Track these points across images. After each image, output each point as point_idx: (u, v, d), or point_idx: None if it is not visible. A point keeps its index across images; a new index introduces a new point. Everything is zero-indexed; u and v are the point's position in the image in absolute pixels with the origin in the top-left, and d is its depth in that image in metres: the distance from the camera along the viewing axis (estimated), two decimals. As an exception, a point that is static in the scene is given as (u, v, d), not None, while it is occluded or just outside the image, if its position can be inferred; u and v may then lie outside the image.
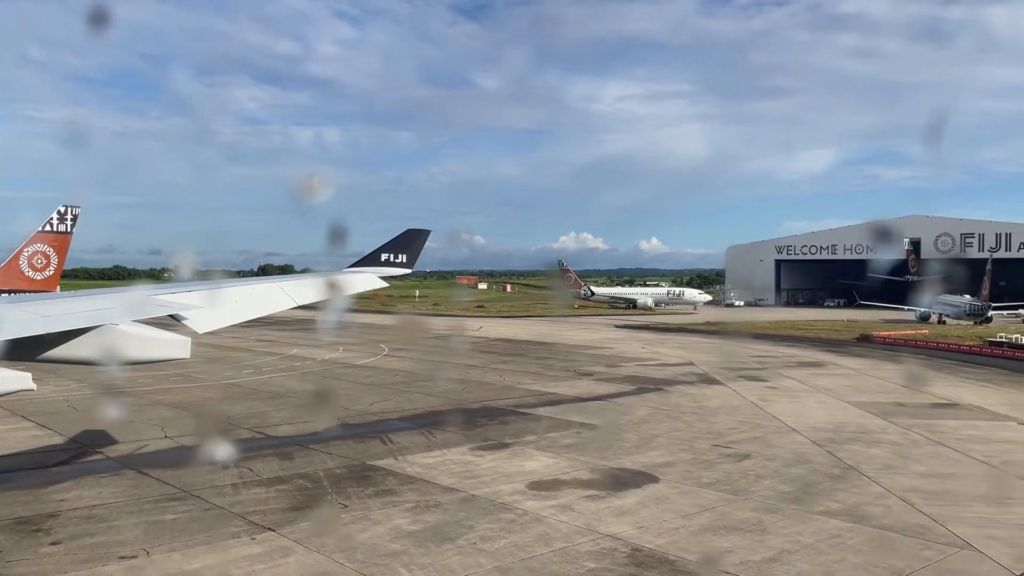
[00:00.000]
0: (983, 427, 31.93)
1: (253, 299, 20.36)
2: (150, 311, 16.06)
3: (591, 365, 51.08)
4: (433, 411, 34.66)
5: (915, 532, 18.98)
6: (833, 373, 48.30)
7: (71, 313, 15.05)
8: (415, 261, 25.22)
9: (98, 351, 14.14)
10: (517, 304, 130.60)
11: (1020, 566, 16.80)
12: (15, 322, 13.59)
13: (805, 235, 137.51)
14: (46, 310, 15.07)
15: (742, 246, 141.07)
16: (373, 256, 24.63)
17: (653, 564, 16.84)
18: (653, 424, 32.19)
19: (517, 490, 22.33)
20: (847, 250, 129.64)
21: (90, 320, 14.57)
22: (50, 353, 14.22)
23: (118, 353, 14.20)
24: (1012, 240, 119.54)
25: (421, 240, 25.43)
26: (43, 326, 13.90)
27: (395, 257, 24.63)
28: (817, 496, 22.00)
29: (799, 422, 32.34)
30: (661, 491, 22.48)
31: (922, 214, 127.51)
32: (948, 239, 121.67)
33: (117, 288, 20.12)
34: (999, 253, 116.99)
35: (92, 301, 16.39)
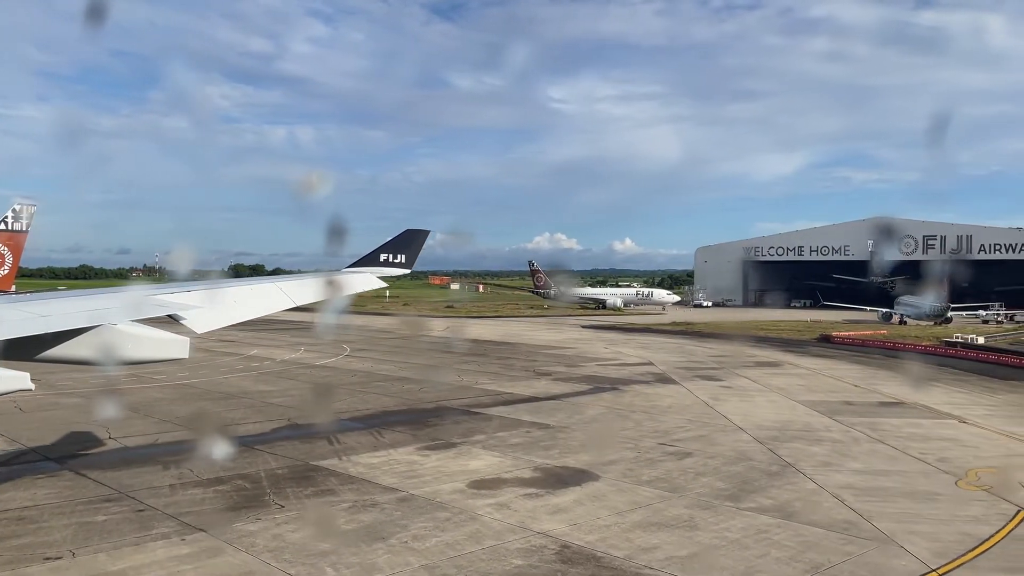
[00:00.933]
0: (925, 425, 32.63)
1: (252, 299, 20.28)
2: (148, 311, 16.02)
3: (551, 365, 51.36)
4: (386, 411, 34.68)
5: (840, 528, 19.40)
6: (788, 373, 49.02)
7: (69, 313, 14.94)
8: (414, 261, 25.26)
9: (96, 351, 14.12)
10: (487, 304, 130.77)
11: (937, 560, 17.27)
12: (13, 322, 13.49)
13: (772, 236, 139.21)
14: (44, 310, 14.90)
15: (711, 247, 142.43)
16: (372, 256, 24.62)
17: (580, 561, 17.06)
18: (602, 423, 32.51)
19: (457, 489, 22.46)
20: (813, 251, 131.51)
21: (88, 320, 14.50)
22: (48, 353, 14.16)
23: (116, 353, 14.17)
24: (972, 242, 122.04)
25: (420, 240, 25.46)
26: (41, 326, 13.79)
27: (394, 257, 24.63)
28: (751, 493, 22.40)
29: (746, 421, 32.82)
30: (600, 489, 22.74)
31: (886, 216, 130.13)
32: (911, 241, 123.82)
33: (115, 288, 20.05)
34: (960, 255, 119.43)
35: (90, 301, 16.23)
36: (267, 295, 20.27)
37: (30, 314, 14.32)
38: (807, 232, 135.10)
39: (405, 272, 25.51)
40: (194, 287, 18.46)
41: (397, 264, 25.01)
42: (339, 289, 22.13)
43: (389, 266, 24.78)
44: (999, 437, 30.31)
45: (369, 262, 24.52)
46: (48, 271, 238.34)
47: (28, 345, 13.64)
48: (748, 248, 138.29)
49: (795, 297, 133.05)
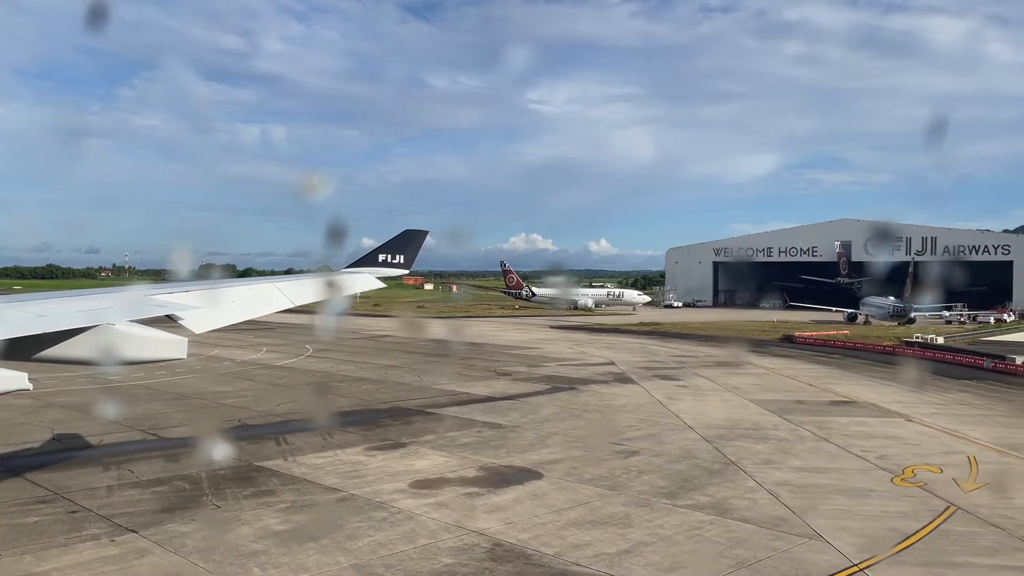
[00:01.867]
0: (871, 423, 33.19)
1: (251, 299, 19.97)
2: (147, 311, 16.01)
3: (513, 365, 51.49)
4: (339, 411, 34.55)
5: (772, 524, 19.71)
6: (747, 372, 49.59)
7: (67, 313, 14.86)
8: (413, 262, 25.20)
9: (94, 351, 14.09)
10: (459, 304, 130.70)
11: (860, 555, 17.61)
12: (11, 321, 13.42)
13: (741, 238, 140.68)
14: (42, 309, 14.84)
15: (681, 248, 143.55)
16: (371, 256, 24.53)
17: (509, 558, 17.18)
18: (555, 422, 32.66)
19: (398, 489, 22.48)
20: (782, 252, 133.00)
21: (86, 320, 14.44)
22: (46, 353, 14.10)
23: (114, 353, 14.16)
24: (937, 243, 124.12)
25: (419, 241, 25.40)
26: (39, 325, 13.74)
27: (392, 257, 24.56)
28: (690, 491, 22.66)
29: (697, 420, 33.17)
30: (541, 487, 22.89)
31: (852, 217, 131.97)
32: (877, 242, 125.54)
33: (114, 287, 19.99)
34: (924, 256, 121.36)
35: (89, 301, 16.19)
36: (266, 295, 20.15)
37: (28, 314, 14.28)
38: (776, 233, 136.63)
39: (404, 272, 25.52)
40: (192, 287, 18.49)
41: (396, 264, 25.05)
42: (338, 289, 22.15)
43: (388, 266, 24.81)
44: (942, 435, 30.91)
45: (368, 262, 24.52)
46: (15, 271, 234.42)
47: (26, 345, 13.58)
48: (718, 249, 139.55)
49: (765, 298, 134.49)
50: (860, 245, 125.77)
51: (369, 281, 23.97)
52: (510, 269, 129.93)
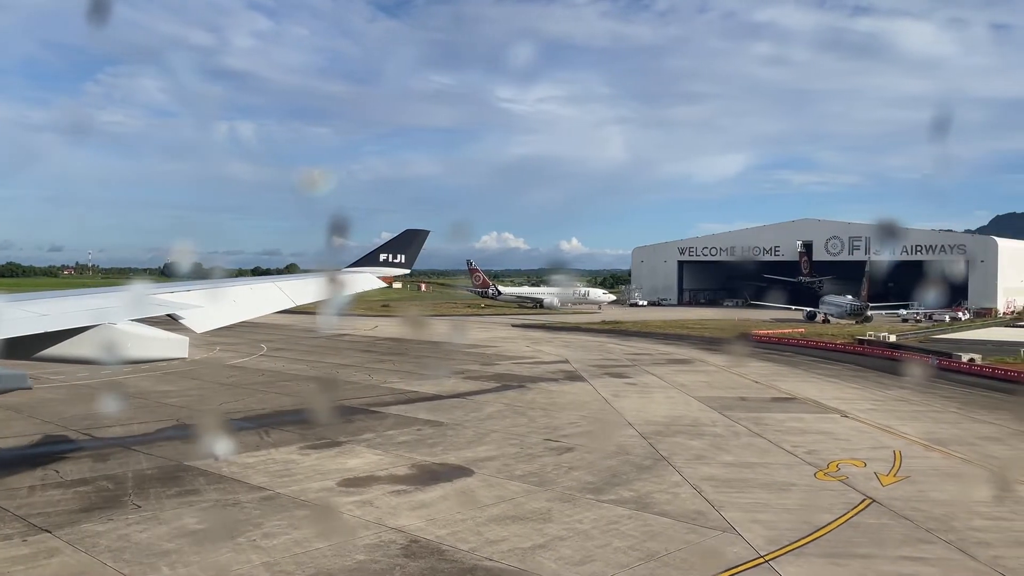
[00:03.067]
0: (807, 419, 33.82)
1: (252, 299, 20.14)
2: (148, 310, 16.07)
3: (466, 364, 51.57)
4: (281, 411, 34.46)
5: (689, 517, 20.08)
6: (697, 370, 50.18)
7: (68, 312, 14.87)
8: (414, 261, 25.20)
9: (95, 350, 14.18)
10: (425, 303, 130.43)
11: (769, 547, 18.02)
12: (12, 321, 13.38)
13: (705, 237, 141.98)
14: (44, 309, 14.81)
15: (647, 247, 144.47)
16: (372, 256, 24.48)
17: (423, 555, 17.32)
18: (497, 420, 32.85)
19: (326, 487, 22.52)
20: (745, 252, 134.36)
21: (88, 319, 14.49)
22: (47, 352, 14.16)
23: (115, 352, 14.25)
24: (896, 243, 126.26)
25: (420, 240, 25.37)
26: (41, 325, 13.74)
27: (394, 257, 24.55)
28: (616, 486, 22.98)
29: (638, 417, 33.55)
30: (469, 484, 23.06)
31: (813, 217, 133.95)
32: (837, 242, 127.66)
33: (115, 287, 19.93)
34: (883, 255, 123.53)
35: (90, 300, 16.16)
36: (267, 295, 20.35)
37: (29, 313, 14.27)
38: (739, 233, 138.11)
39: (405, 272, 25.62)
40: (194, 286, 18.67)
41: (397, 264, 25.12)
42: (339, 289, 22.21)
43: (389, 266, 24.87)
44: (873, 430, 31.60)
45: (369, 262, 24.52)
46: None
47: (27, 344, 13.58)
48: (683, 248, 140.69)
49: (728, 296, 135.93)
50: (821, 245, 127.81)
51: (370, 280, 24.11)
52: (476, 268, 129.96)
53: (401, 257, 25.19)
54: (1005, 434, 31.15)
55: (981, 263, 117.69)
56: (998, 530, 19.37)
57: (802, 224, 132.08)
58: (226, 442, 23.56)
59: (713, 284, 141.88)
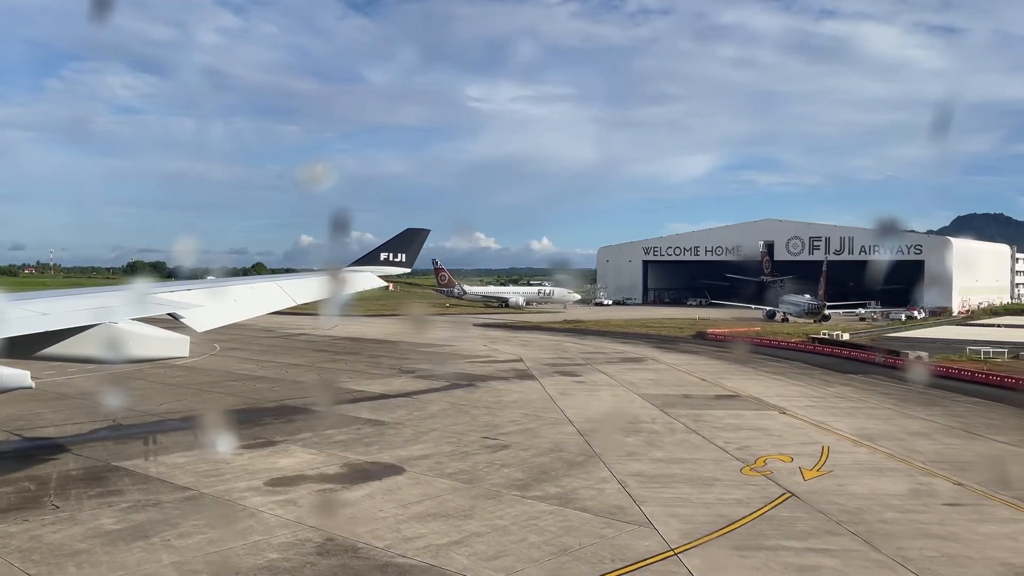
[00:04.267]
0: (746, 416, 34.40)
1: (253, 298, 20.20)
2: (150, 309, 16.06)
3: (420, 363, 51.59)
4: (223, 410, 34.18)
5: (609, 513, 20.39)
6: (648, 368, 50.72)
7: (70, 311, 14.82)
8: (414, 260, 25.09)
9: (97, 349, 14.26)
10: (390, 302, 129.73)
11: (681, 540, 18.38)
12: (14, 320, 13.36)
13: (670, 237, 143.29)
14: (45, 308, 14.73)
15: (612, 247, 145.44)
16: (372, 255, 24.37)
17: (337, 552, 17.40)
18: (439, 419, 32.94)
19: (252, 487, 22.45)
20: (708, 251, 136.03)
21: (89, 318, 14.46)
22: (49, 351, 14.19)
23: (117, 351, 14.30)
24: (854, 243, 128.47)
25: (420, 239, 25.27)
26: (42, 324, 13.71)
27: (394, 256, 24.44)
28: (543, 482, 23.22)
29: (580, 414, 33.86)
30: (397, 483, 23.15)
31: (775, 218, 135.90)
32: (798, 242, 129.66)
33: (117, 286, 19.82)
34: (842, 255, 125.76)
35: (91, 299, 16.08)
36: (268, 294, 20.42)
37: (30, 312, 14.23)
38: (703, 233, 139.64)
39: (406, 271, 25.63)
40: (196, 285, 18.69)
41: (397, 263, 25.08)
42: (341, 288, 22.23)
43: (389, 265, 24.79)
44: (807, 427, 32.24)
45: (369, 261, 24.44)
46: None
47: (28, 343, 13.56)
48: (648, 248, 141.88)
49: (693, 296, 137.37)
50: (782, 244, 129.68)
51: (371, 280, 24.13)
52: (442, 267, 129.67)
53: (402, 256, 25.35)
54: (934, 429, 31.96)
55: (936, 263, 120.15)
56: (907, 522, 19.94)
57: (764, 224, 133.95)
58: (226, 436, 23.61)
59: (677, 283, 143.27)
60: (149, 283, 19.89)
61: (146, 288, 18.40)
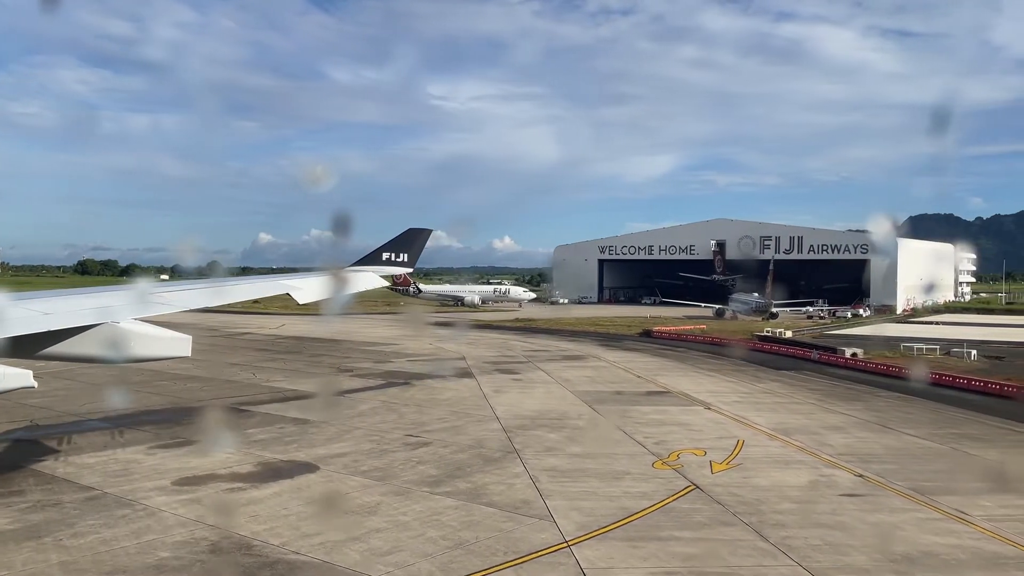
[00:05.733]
0: (671, 412, 35.02)
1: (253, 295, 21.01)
2: (152, 309, 16.01)
3: (361, 362, 51.47)
4: (147, 411, 33.76)
5: (513, 507, 20.68)
6: (588, 365, 51.23)
7: (72, 311, 14.75)
8: (416, 260, 25.01)
9: (99, 349, 14.32)
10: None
11: (577, 532, 18.74)
12: (16, 319, 13.33)
13: (625, 236, 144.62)
14: (48, 307, 14.62)
15: (569, 246, 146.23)
16: (374, 255, 24.33)
17: (230, 550, 17.41)
18: (367, 417, 32.95)
19: (158, 487, 22.25)
20: (662, 251, 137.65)
21: (92, 318, 14.46)
22: (51, 350, 14.24)
23: (119, 351, 14.32)
24: (803, 243, 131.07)
25: (422, 239, 25.19)
26: (44, 323, 13.71)
27: (396, 256, 24.40)
28: (456, 479, 23.43)
29: (509, 411, 34.14)
30: (309, 481, 23.17)
31: (727, 218, 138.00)
32: (749, 241, 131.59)
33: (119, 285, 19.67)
34: (792, 255, 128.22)
35: (93, 298, 16.02)
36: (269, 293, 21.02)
37: (33, 312, 14.14)
38: (657, 232, 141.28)
39: (408, 271, 25.58)
40: (199, 285, 18.52)
41: (399, 263, 25.09)
42: (343, 287, 22.34)
43: (391, 265, 24.76)
44: (729, 421, 32.95)
45: (371, 261, 24.40)
46: None
47: (31, 343, 13.54)
48: (603, 247, 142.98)
49: (648, 294, 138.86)
50: (734, 244, 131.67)
51: (372, 279, 24.19)
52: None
53: (403, 256, 25.53)
54: (850, 424, 32.91)
55: (883, 262, 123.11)
56: (800, 513, 20.57)
57: (716, 224, 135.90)
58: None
59: (633, 282, 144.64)
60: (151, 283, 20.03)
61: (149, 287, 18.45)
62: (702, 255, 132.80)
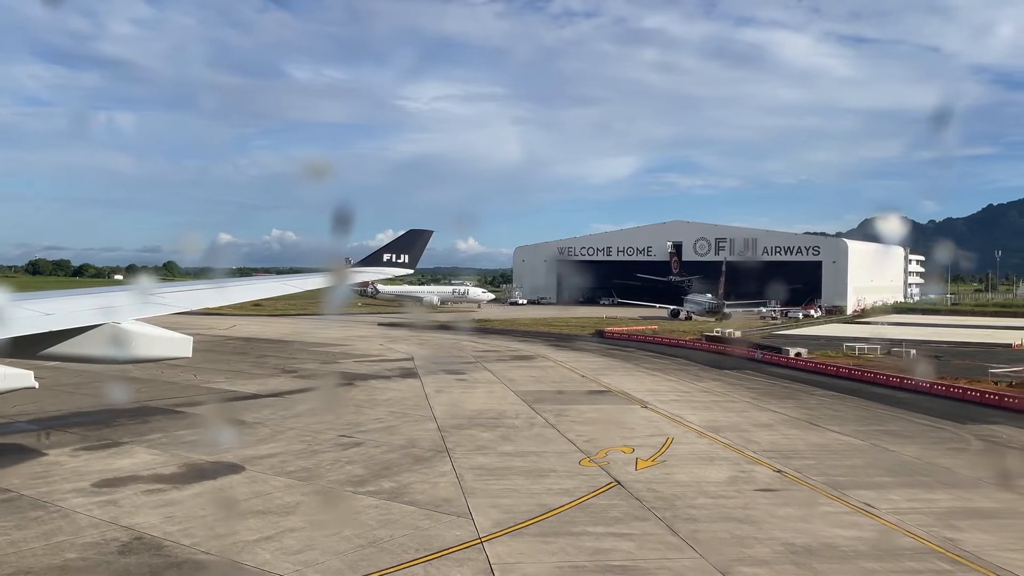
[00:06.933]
0: (607, 410, 35.54)
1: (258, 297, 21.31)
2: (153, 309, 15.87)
3: (306, 363, 51.24)
4: (77, 412, 33.29)
5: (433, 505, 20.89)
6: (535, 365, 51.64)
7: (74, 311, 14.68)
8: (417, 261, 24.92)
9: (100, 349, 14.22)
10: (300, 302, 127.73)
11: (492, 529, 19.02)
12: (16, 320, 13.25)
13: (583, 237, 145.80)
14: (49, 308, 14.53)
15: (528, 247, 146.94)
16: (375, 256, 24.26)
17: (140, 551, 17.33)
18: (303, 418, 32.88)
19: (77, 488, 22.02)
20: (620, 252, 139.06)
21: (93, 318, 14.34)
22: (52, 350, 14.20)
23: (120, 351, 14.24)
24: (757, 244, 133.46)
25: (423, 240, 25.08)
26: (45, 324, 13.62)
27: (397, 257, 24.32)
28: (381, 478, 23.57)
29: (448, 411, 34.34)
30: (232, 481, 23.11)
31: (683, 220, 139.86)
32: (705, 243, 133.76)
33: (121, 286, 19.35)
34: (746, 256, 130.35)
35: (95, 299, 15.91)
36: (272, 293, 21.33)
37: (34, 312, 14.05)
38: (615, 234, 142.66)
39: (408, 272, 25.67)
40: (201, 285, 18.27)
41: (400, 264, 25.07)
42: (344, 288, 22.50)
43: (393, 266, 24.74)
44: (662, 419, 33.55)
45: (373, 262, 24.38)
46: None
47: (32, 343, 13.51)
48: (562, 248, 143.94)
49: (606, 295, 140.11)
50: (690, 245, 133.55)
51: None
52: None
53: (405, 257, 25.59)
54: (779, 421, 33.74)
55: (833, 264, 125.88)
56: (713, 507, 21.14)
57: (673, 226, 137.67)
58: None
59: (591, 283, 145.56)
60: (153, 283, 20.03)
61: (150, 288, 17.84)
62: (659, 256, 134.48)
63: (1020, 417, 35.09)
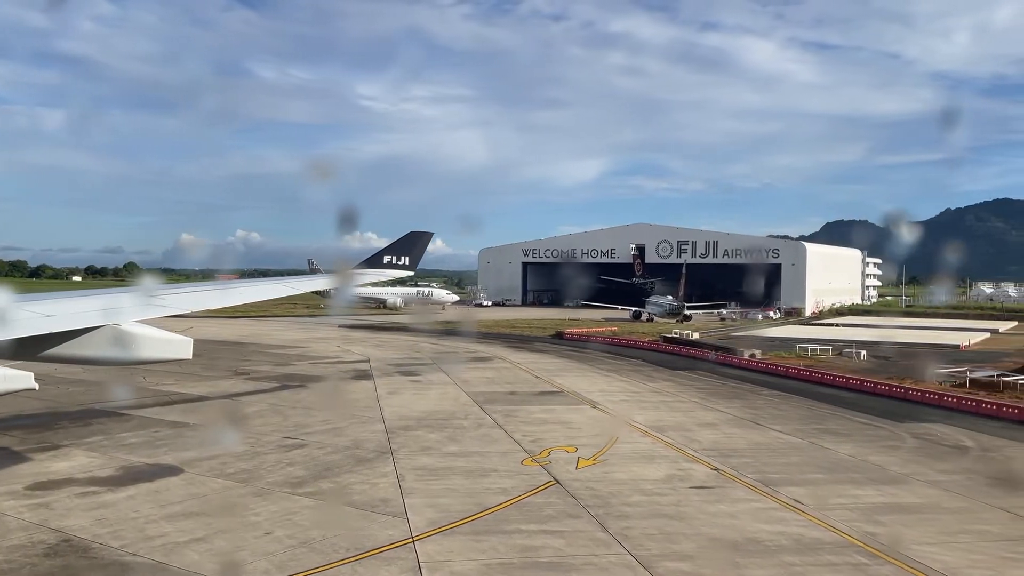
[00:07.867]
0: (557, 411, 35.89)
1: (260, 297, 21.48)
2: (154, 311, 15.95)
3: (260, 364, 50.89)
4: (19, 415, 32.66)
5: (371, 506, 21.02)
6: (491, 367, 51.85)
7: (75, 313, 14.69)
8: (418, 263, 24.89)
9: (101, 351, 14.25)
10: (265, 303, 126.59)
11: (426, 528, 19.22)
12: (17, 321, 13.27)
13: (548, 239, 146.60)
14: (50, 309, 14.47)
15: (493, 248, 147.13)
16: (376, 258, 24.23)
17: (66, 553, 17.23)
18: (251, 420, 32.71)
19: (10, 491, 21.74)
20: (584, 254, 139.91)
21: (94, 320, 14.33)
22: (53, 352, 14.16)
23: (121, 353, 14.30)
24: (718, 247, 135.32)
25: (424, 242, 25.09)
26: (46, 325, 13.61)
27: (398, 259, 24.31)
28: (320, 479, 23.63)
29: (397, 412, 34.41)
30: (168, 484, 22.98)
31: (646, 222, 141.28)
32: (667, 245, 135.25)
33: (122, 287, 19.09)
34: (707, 259, 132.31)
35: (96, 300, 15.99)
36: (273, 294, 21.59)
37: (35, 314, 14.02)
38: (579, 236, 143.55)
39: (409, 274, 25.69)
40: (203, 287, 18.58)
41: (401, 266, 25.08)
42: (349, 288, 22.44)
43: (393, 268, 24.74)
44: (610, 419, 34.02)
45: (373, 264, 24.36)
46: None
47: (32, 344, 13.46)
48: (527, 250, 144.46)
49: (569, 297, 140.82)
50: (653, 248, 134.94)
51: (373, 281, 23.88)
52: (318, 267, 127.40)
53: (405, 259, 25.68)
54: (723, 420, 34.40)
55: (792, 266, 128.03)
56: (647, 505, 21.56)
57: (636, 228, 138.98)
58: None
59: (555, 285, 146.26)
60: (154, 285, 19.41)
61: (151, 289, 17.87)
62: (623, 259, 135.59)
63: (958, 416, 36.19)
